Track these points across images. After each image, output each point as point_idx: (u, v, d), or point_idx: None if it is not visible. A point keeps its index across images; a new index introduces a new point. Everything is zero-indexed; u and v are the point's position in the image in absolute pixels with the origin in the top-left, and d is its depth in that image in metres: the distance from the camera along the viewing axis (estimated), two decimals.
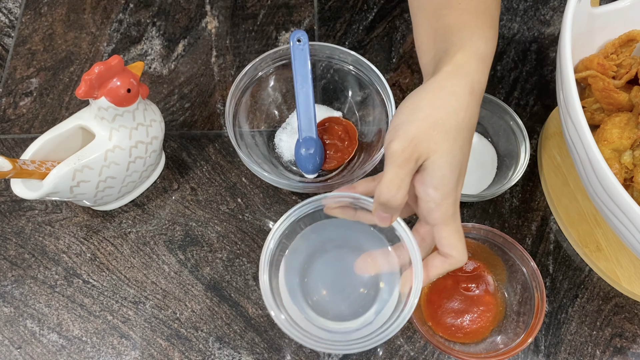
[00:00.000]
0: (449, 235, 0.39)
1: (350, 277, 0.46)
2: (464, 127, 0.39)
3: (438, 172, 0.37)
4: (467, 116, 0.39)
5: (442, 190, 0.38)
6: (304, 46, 0.57)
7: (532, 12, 0.72)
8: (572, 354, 0.54)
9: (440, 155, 0.37)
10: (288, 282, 0.45)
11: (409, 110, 0.39)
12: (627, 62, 0.54)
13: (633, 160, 0.50)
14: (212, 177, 0.61)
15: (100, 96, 0.49)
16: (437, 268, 0.40)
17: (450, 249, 0.39)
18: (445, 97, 0.39)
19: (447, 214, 0.38)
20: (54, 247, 0.57)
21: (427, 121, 0.38)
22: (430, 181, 0.38)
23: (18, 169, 0.47)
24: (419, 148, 0.37)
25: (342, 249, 0.47)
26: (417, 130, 0.37)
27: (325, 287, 0.46)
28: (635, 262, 0.56)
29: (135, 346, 0.53)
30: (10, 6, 0.72)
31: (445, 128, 0.38)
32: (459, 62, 0.40)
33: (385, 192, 0.38)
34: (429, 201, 0.38)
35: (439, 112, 0.38)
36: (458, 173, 0.39)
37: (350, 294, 0.46)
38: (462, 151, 0.39)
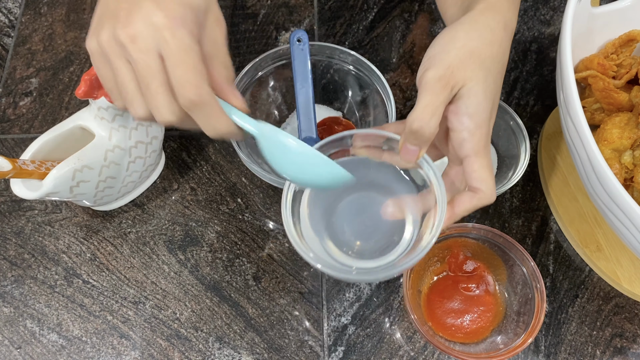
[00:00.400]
0: (480, 168, 0.38)
1: (376, 219, 0.44)
2: (498, 60, 0.39)
3: (473, 100, 0.37)
4: (500, 50, 0.39)
5: (477, 119, 0.37)
6: (304, 46, 0.57)
7: (532, 12, 0.72)
8: (572, 354, 0.54)
9: (476, 82, 0.37)
10: (312, 220, 0.44)
11: (445, 40, 0.39)
12: (627, 62, 0.54)
13: (633, 160, 0.50)
14: (212, 177, 0.61)
15: (100, 96, 0.49)
16: (464, 203, 0.38)
17: (480, 183, 0.38)
18: (481, 29, 0.39)
19: (480, 144, 0.38)
20: (54, 247, 0.57)
21: (463, 50, 0.38)
22: (465, 109, 0.37)
23: (18, 169, 0.47)
24: (455, 76, 0.37)
25: (369, 190, 0.46)
26: (454, 58, 0.37)
27: (351, 227, 0.45)
28: (635, 262, 0.56)
29: (135, 346, 0.53)
30: (10, 6, 0.72)
31: (481, 58, 0.38)
32: (491, 1, 0.41)
33: (420, 119, 0.37)
34: (462, 130, 0.38)
35: (475, 42, 0.38)
36: (492, 104, 0.39)
37: (376, 236, 0.45)
38: (496, 83, 0.39)
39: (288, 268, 0.57)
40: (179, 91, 0.34)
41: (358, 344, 0.54)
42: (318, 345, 0.54)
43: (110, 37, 0.35)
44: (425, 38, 0.69)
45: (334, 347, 0.54)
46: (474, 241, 0.54)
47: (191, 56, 0.34)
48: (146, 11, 0.34)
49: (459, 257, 0.54)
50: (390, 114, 0.56)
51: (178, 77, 0.34)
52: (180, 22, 0.34)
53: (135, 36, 0.34)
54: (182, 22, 0.34)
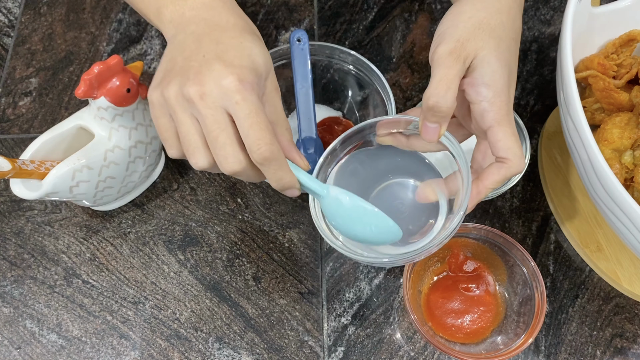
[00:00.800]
0: (505, 137, 0.37)
1: (409, 205, 0.45)
2: (509, 27, 0.39)
3: (488, 68, 0.37)
4: (510, 17, 0.39)
5: (494, 87, 0.37)
6: (304, 46, 0.56)
7: (532, 12, 0.72)
8: (573, 355, 0.54)
9: (488, 51, 0.37)
10: None
11: (452, 15, 0.39)
12: (627, 62, 0.54)
13: (633, 160, 0.50)
14: (212, 177, 0.61)
15: (99, 96, 0.49)
16: (493, 174, 0.38)
17: (506, 152, 0.37)
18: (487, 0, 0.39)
19: (501, 112, 0.37)
20: (54, 247, 0.57)
21: (471, 22, 0.38)
22: (480, 79, 0.37)
23: (17, 169, 0.47)
24: (466, 47, 0.37)
25: (399, 177, 0.46)
26: (463, 31, 0.37)
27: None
28: (635, 262, 0.56)
29: (135, 346, 0.53)
30: (10, 6, 0.71)
31: (490, 26, 0.38)
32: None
33: (435, 94, 0.36)
34: (481, 101, 0.37)
35: (483, 12, 0.38)
36: (508, 71, 0.38)
37: (408, 222, 0.44)
38: (510, 50, 0.38)
39: (288, 268, 0.57)
40: (252, 148, 0.36)
41: (358, 344, 0.54)
42: (318, 345, 0.54)
43: (177, 92, 0.36)
44: (425, 38, 0.69)
45: (334, 347, 0.53)
46: (474, 241, 0.54)
47: (262, 118, 0.36)
48: (217, 73, 0.36)
49: (459, 257, 0.54)
50: (390, 114, 0.56)
51: (252, 136, 0.35)
52: (250, 87, 0.36)
53: (205, 94, 0.35)
54: (251, 87, 0.36)
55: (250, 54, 0.38)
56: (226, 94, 0.35)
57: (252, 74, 0.37)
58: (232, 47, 0.38)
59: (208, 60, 0.36)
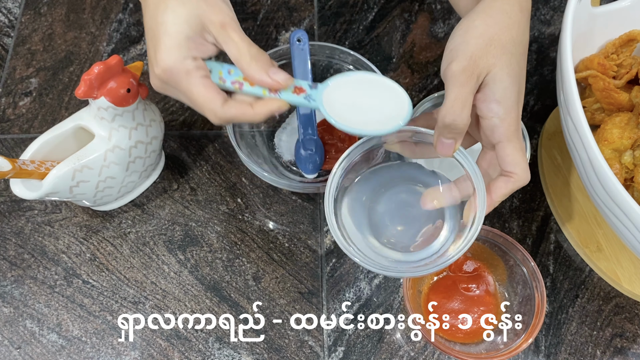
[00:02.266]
0: (513, 152, 0.38)
1: (414, 212, 0.46)
2: (519, 42, 0.40)
3: (500, 85, 0.38)
4: (519, 31, 0.40)
5: (505, 104, 0.38)
6: (304, 46, 0.56)
7: (532, 12, 0.72)
8: (573, 354, 0.54)
9: (500, 67, 0.38)
10: (354, 217, 0.45)
11: (463, 31, 0.40)
12: (627, 62, 0.54)
13: (633, 160, 0.50)
14: (212, 177, 0.61)
15: (99, 96, 0.49)
16: (500, 189, 0.39)
17: (514, 167, 0.39)
18: (497, 14, 0.39)
19: (511, 129, 0.38)
20: (54, 247, 0.57)
21: (483, 38, 0.38)
22: (492, 95, 0.38)
23: (17, 169, 0.47)
24: (479, 64, 0.38)
25: (404, 185, 0.47)
26: (475, 47, 0.38)
27: (391, 221, 0.46)
28: (635, 262, 0.56)
29: (135, 346, 0.53)
30: (10, 6, 0.71)
31: (501, 43, 0.38)
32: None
33: (451, 112, 0.37)
34: (492, 117, 0.38)
35: (493, 28, 0.39)
36: (518, 86, 0.39)
37: (416, 228, 0.46)
38: (520, 65, 0.39)
39: (288, 268, 0.57)
40: (209, 119, 0.42)
41: (358, 344, 0.54)
42: (318, 345, 0.54)
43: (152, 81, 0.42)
44: (425, 38, 0.69)
45: (334, 347, 0.54)
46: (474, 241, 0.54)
47: (198, 95, 0.40)
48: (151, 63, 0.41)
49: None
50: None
51: (204, 112, 0.41)
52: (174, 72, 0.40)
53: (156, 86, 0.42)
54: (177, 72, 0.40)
55: (166, 30, 0.40)
56: (163, 87, 0.42)
57: (174, 52, 0.39)
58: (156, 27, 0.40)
59: (149, 47, 0.41)
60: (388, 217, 0.46)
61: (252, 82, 0.42)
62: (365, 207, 0.46)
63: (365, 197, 0.46)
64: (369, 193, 0.47)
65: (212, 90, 0.41)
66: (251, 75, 0.41)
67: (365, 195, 0.47)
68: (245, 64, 0.41)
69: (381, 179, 0.47)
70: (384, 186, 0.47)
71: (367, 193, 0.47)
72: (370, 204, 0.46)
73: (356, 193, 0.46)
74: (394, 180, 0.47)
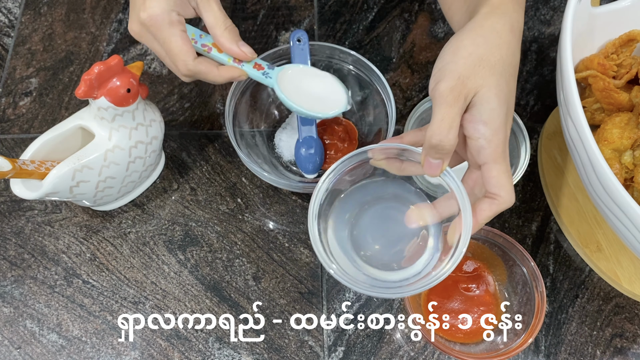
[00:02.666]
0: (499, 174, 0.38)
1: (398, 229, 0.46)
2: (508, 62, 0.39)
3: (487, 106, 0.37)
4: (509, 52, 0.39)
5: (492, 125, 0.38)
6: (304, 46, 0.56)
7: (532, 12, 0.72)
8: (573, 354, 0.54)
9: (488, 88, 0.37)
10: (337, 234, 0.45)
11: (452, 50, 0.39)
12: (627, 62, 0.54)
13: (633, 160, 0.50)
14: (212, 177, 0.61)
15: (99, 96, 0.49)
16: (485, 211, 0.39)
17: (499, 189, 0.38)
18: (487, 34, 0.39)
19: (498, 151, 0.38)
20: (54, 247, 0.57)
21: (471, 58, 0.38)
22: (479, 117, 0.38)
23: (17, 169, 0.47)
24: (466, 85, 0.37)
25: (388, 202, 0.47)
26: (463, 67, 0.38)
27: (374, 239, 0.46)
28: (635, 262, 0.56)
29: (135, 346, 0.53)
30: (10, 6, 0.72)
31: (490, 63, 0.38)
32: (495, 4, 0.41)
33: (437, 133, 0.37)
34: (479, 138, 0.38)
35: (482, 48, 0.39)
36: (506, 108, 0.38)
37: (399, 246, 0.46)
38: (509, 86, 0.39)
39: (288, 268, 0.57)
40: (178, 71, 0.47)
41: (358, 344, 0.54)
42: (318, 345, 0.54)
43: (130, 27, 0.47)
44: (425, 38, 0.69)
45: (334, 347, 0.54)
46: (474, 241, 0.54)
47: (172, 45, 0.45)
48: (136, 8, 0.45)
49: None
50: (390, 114, 0.56)
51: (174, 64, 0.46)
52: (160, 20, 0.44)
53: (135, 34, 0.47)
54: (161, 20, 0.44)
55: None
56: (141, 34, 0.46)
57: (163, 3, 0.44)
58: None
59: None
60: (371, 235, 0.46)
61: (220, 49, 0.48)
62: (348, 223, 0.46)
63: (349, 214, 0.46)
64: (353, 210, 0.47)
65: (188, 44, 0.46)
66: (222, 42, 0.47)
67: (349, 212, 0.46)
68: (219, 32, 0.46)
69: (366, 196, 0.47)
70: (368, 203, 0.47)
71: (350, 210, 0.46)
72: (354, 220, 0.46)
73: (340, 209, 0.46)
74: (379, 197, 0.47)
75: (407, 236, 0.46)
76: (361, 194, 0.47)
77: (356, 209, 0.47)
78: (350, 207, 0.47)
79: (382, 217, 0.47)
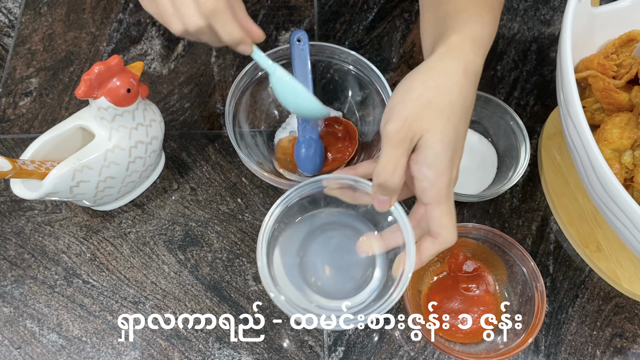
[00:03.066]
0: (441, 215, 0.39)
1: (345, 258, 0.48)
2: (458, 106, 0.39)
3: (431, 150, 0.38)
4: (461, 95, 0.39)
5: (436, 169, 0.38)
6: (304, 46, 0.56)
7: (532, 12, 0.72)
8: (573, 354, 0.54)
9: (433, 133, 0.38)
10: (285, 263, 0.47)
11: (403, 91, 0.40)
12: (627, 62, 0.54)
13: (633, 160, 0.50)
14: (212, 177, 0.61)
15: (100, 96, 0.49)
16: (427, 250, 0.40)
17: (440, 229, 0.39)
18: (438, 77, 0.39)
19: (441, 193, 0.39)
20: (54, 247, 0.57)
21: (420, 101, 0.38)
22: (424, 159, 0.38)
23: (18, 169, 0.47)
24: (413, 127, 0.38)
25: (336, 231, 0.49)
26: (411, 110, 0.38)
27: (321, 267, 0.48)
28: (635, 262, 0.56)
29: (135, 346, 0.53)
30: (10, 6, 0.72)
31: (438, 107, 0.38)
32: (452, 44, 0.41)
33: (383, 173, 0.39)
34: (423, 180, 0.39)
35: (432, 91, 0.39)
36: (452, 152, 0.39)
37: (346, 274, 0.48)
38: (456, 130, 0.39)
39: None
40: (200, 2, 0.41)
41: (358, 344, 0.54)
42: (318, 345, 0.54)
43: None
44: None
45: (334, 347, 0.54)
46: (474, 241, 0.54)
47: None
48: None
49: (459, 257, 0.54)
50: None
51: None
52: None
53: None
54: None
55: None
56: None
57: None
58: None
59: None
60: (320, 263, 0.48)
61: None
62: (298, 251, 0.48)
63: (299, 242, 0.48)
64: (303, 237, 0.48)
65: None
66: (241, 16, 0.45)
67: (299, 240, 0.48)
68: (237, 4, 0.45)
69: (316, 223, 0.49)
70: (319, 230, 0.49)
71: (301, 237, 0.48)
72: (304, 248, 0.48)
73: (291, 236, 0.48)
74: (329, 225, 0.49)
75: (354, 264, 0.48)
76: (312, 222, 0.49)
77: (306, 237, 0.48)
78: (301, 234, 0.48)
79: (330, 245, 0.49)
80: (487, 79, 0.67)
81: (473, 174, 0.60)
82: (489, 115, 0.61)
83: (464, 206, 0.60)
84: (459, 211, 0.59)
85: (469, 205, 0.60)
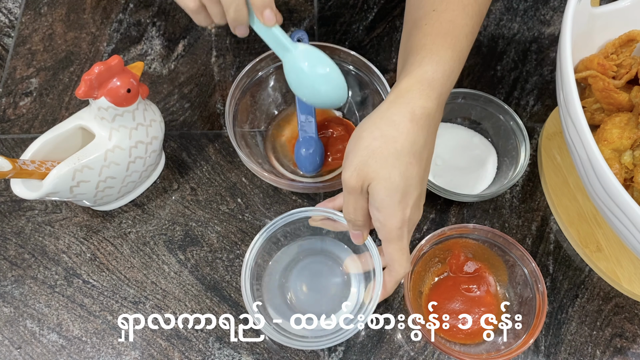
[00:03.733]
0: (393, 252, 0.43)
1: (325, 282, 0.54)
2: (405, 153, 0.41)
3: (377, 196, 0.41)
4: (407, 143, 0.41)
5: (384, 212, 0.41)
6: None
7: (532, 12, 0.72)
8: (572, 354, 0.54)
9: (377, 182, 0.41)
10: (269, 286, 0.52)
11: (355, 140, 0.43)
12: (627, 62, 0.54)
13: (633, 160, 0.50)
14: (212, 177, 0.61)
15: (100, 96, 0.49)
16: (388, 282, 0.46)
17: (392, 263, 0.44)
18: (384, 126, 0.42)
19: (392, 233, 0.42)
20: (54, 247, 0.57)
21: (366, 151, 0.41)
22: (374, 203, 0.42)
23: (18, 169, 0.47)
24: (361, 176, 0.41)
25: (316, 257, 0.55)
26: (359, 159, 0.41)
27: (302, 289, 0.54)
28: (635, 262, 0.56)
29: (135, 346, 0.53)
30: (10, 6, 0.72)
31: (382, 156, 0.41)
32: (401, 90, 0.43)
33: (346, 214, 0.45)
34: (375, 220, 0.43)
35: (377, 142, 0.41)
36: (400, 196, 0.41)
37: (325, 295, 0.54)
38: (404, 176, 0.41)
39: None
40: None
41: (358, 344, 0.54)
42: None
43: None
44: None
45: (334, 347, 0.54)
46: (474, 242, 0.54)
47: None
48: None
49: (459, 258, 0.54)
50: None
51: None
52: None
53: None
54: None
55: None
56: None
57: None
58: None
59: None
60: (301, 286, 0.54)
61: None
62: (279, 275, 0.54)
63: (282, 269, 0.54)
64: (285, 263, 0.54)
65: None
66: None
67: (282, 267, 0.54)
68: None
69: (298, 250, 0.55)
70: (301, 254, 0.55)
71: (284, 262, 0.54)
72: (286, 273, 0.54)
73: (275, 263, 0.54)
74: (310, 251, 0.55)
75: (331, 289, 0.54)
76: (295, 248, 0.54)
77: (289, 264, 0.54)
78: (284, 261, 0.54)
79: (310, 269, 0.54)
80: (487, 79, 0.67)
81: (473, 174, 0.60)
82: (489, 115, 0.61)
83: (464, 206, 0.60)
84: (459, 211, 0.59)
85: (469, 205, 0.60)
